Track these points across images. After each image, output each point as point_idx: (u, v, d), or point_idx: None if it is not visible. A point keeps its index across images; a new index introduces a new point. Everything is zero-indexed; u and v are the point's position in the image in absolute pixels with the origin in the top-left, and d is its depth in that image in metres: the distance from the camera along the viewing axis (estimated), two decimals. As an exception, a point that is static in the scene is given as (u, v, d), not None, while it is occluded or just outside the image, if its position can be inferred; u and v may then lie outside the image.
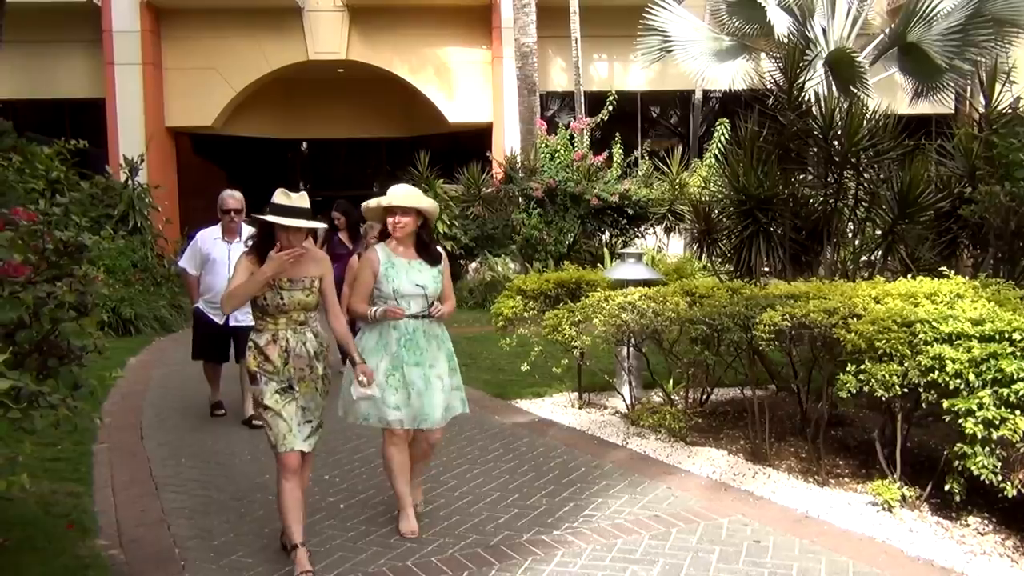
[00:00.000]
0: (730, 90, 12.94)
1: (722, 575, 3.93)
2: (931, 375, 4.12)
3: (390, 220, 4.49)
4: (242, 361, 6.48)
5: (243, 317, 6.55)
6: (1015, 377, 3.87)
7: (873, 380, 4.33)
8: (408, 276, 4.44)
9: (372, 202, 4.61)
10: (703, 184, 11.33)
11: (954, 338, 4.16)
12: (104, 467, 5.79)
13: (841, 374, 4.52)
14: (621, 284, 7.18)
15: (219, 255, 6.87)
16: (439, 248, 4.66)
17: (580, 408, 7.20)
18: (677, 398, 6.85)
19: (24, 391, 2.85)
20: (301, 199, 4.02)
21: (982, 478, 3.99)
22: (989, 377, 3.95)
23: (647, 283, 7.10)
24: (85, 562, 4.08)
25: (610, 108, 16.55)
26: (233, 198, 6.92)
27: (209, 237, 6.96)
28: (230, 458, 6.05)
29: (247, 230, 6.68)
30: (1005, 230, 5.89)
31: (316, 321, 4.21)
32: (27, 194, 4.48)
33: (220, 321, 6.80)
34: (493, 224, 15.07)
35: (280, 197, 3.97)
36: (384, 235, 4.58)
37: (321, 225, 4.18)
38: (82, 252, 3.51)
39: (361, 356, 4.32)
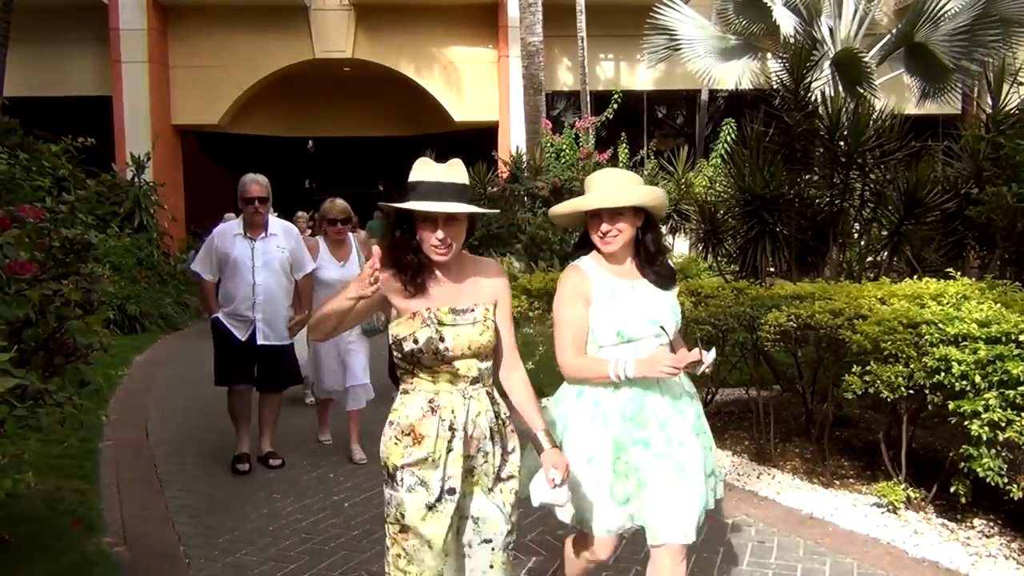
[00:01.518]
0: (736, 90, 12.93)
1: (726, 576, 3.93)
2: (937, 376, 4.11)
3: (597, 229, 2.89)
4: (268, 397, 5.95)
5: (273, 331, 5.70)
6: (1021, 379, 3.85)
7: (879, 381, 4.32)
8: (636, 308, 2.89)
9: (565, 207, 3.00)
10: (709, 184, 11.31)
11: (960, 340, 4.15)
12: (110, 464, 5.81)
13: (846, 375, 4.51)
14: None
15: (241, 255, 5.64)
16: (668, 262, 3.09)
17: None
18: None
19: (30, 389, 2.85)
20: (452, 170, 2.54)
21: (988, 480, 3.98)
22: (995, 379, 3.94)
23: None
24: (91, 559, 4.10)
25: (615, 107, 16.53)
26: (257, 184, 5.63)
27: (228, 234, 5.71)
28: (235, 456, 6.05)
29: (277, 224, 5.85)
30: (1012, 231, 5.87)
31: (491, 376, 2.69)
32: (34, 192, 4.49)
33: (243, 336, 5.63)
34: (498, 223, 15.07)
35: (421, 169, 2.54)
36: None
37: (488, 211, 2.92)
38: (88, 250, 3.51)
39: (553, 437, 2.70)
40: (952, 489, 4.27)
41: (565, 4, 16.66)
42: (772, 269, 7.01)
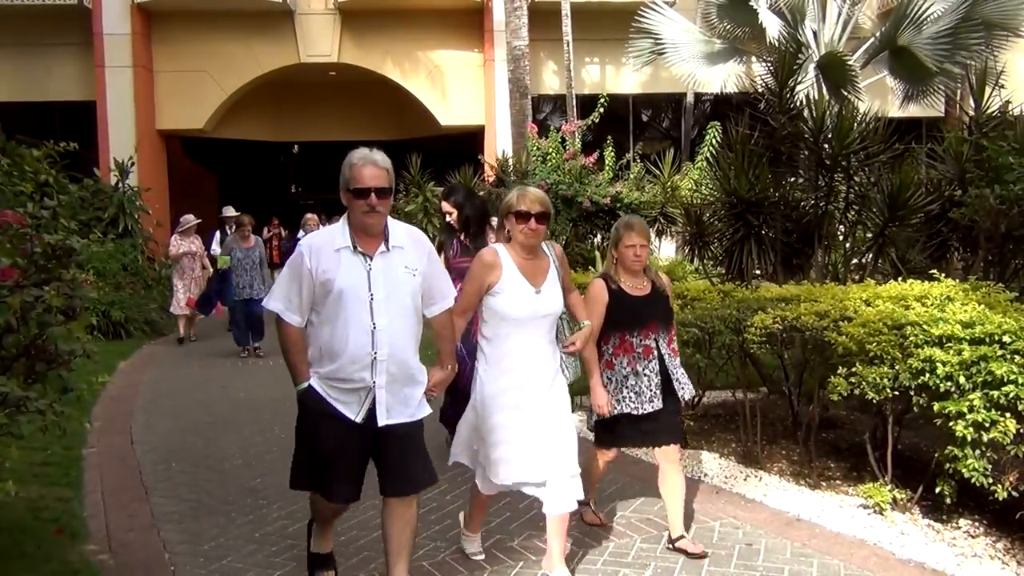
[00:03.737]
0: (721, 93, 12.95)
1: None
2: (921, 378, 4.12)
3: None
4: (399, 507, 3.59)
5: (403, 403, 3.51)
6: (1005, 380, 3.87)
7: (864, 383, 4.33)
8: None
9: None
10: (694, 187, 11.34)
11: (944, 341, 4.17)
12: (94, 471, 5.76)
13: (832, 377, 4.53)
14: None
15: (351, 282, 3.42)
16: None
17: (572, 412, 7.18)
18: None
19: (10, 396, 2.82)
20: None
21: (973, 481, 4.00)
22: (979, 380, 3.96)
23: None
24: (74, 567, 4.06)
25: (601, 110, 16.56)
26: (373, 165, 3.45)
27: (326, 248, 3.47)
28: (220, 462, 6.02)
29: (400, 230, 3.63)
30: (995, 233, 5.91)
31: None
32: (15, 197, 4.45)
33: (356, 415, 3.44)
34: (485, 227, 15.04)
35: None
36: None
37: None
38: (70, 255, 3.48)
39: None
40: (938, 490, 4.29)
41: (550, 8, 16.68)
42: (758, 272, 7.03)
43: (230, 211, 12.98)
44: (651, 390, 4.18)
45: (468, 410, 3.99)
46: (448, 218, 6.02)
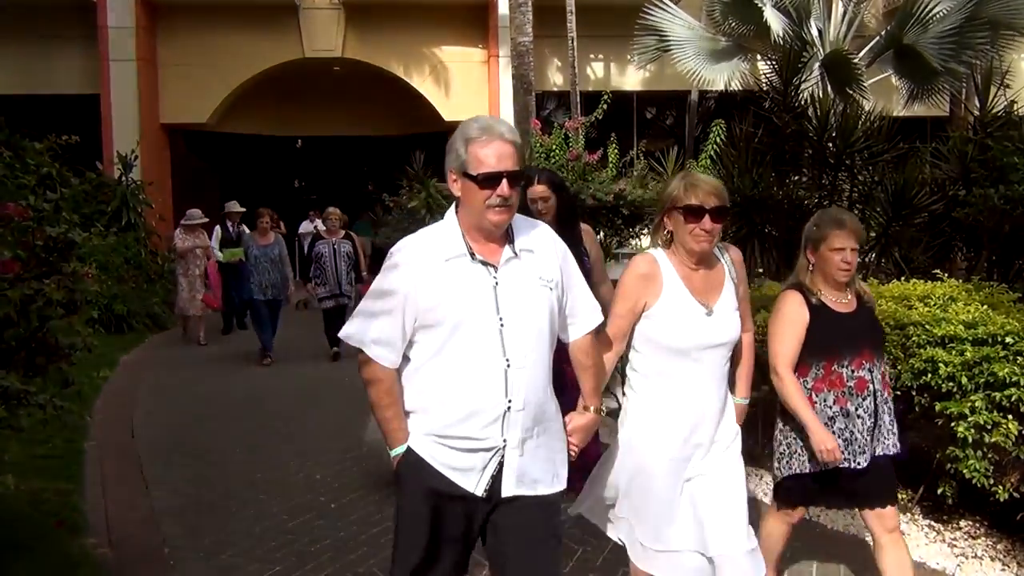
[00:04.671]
0: (726, 91, 12.93)
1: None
2: (924, 378, 4.11)
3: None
4: None
5: (540, 470, 2.58)
6: (1007, 381, 3.86)
7: (866, 383, 4.31)
8: None
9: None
10: (698, 185, 11.30)
11: (947, 341, 4.15)
12: (95, 465, 5.76)
13: (834, 376, 4.50)
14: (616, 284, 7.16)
15: (474, 304, 2.49)
16: None
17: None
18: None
19: (10, 389, 2.82)
20: None
21: (974, 482, 3.99)
22: (982, 381, 3.94)
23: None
24: (74, 560, 4.06)
25: (604, 107, 16.53)
26: (502, 140, 2.51)
27: (433, 256, 2.52)
28: (221, 456, 6.03)
29: (525, 227, 2.66)
30: (999, 233, 5.89)
31: None
32: (18, 190, 4.45)
33: (475, 487, 2.51)
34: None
35: None
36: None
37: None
38: (72, 249, 3.48)
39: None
40: (939, 491, 4.28)
41: (555, 4, 16.65)
42: (761, 270, 7.02)
43: (234, 206, 12.47)
44: (864, 436, 3.25)
45: (605, 466, 3.03)
46: (538, 206, 4.48)
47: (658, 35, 12.56)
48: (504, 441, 2.48)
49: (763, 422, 5.66)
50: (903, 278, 5.38)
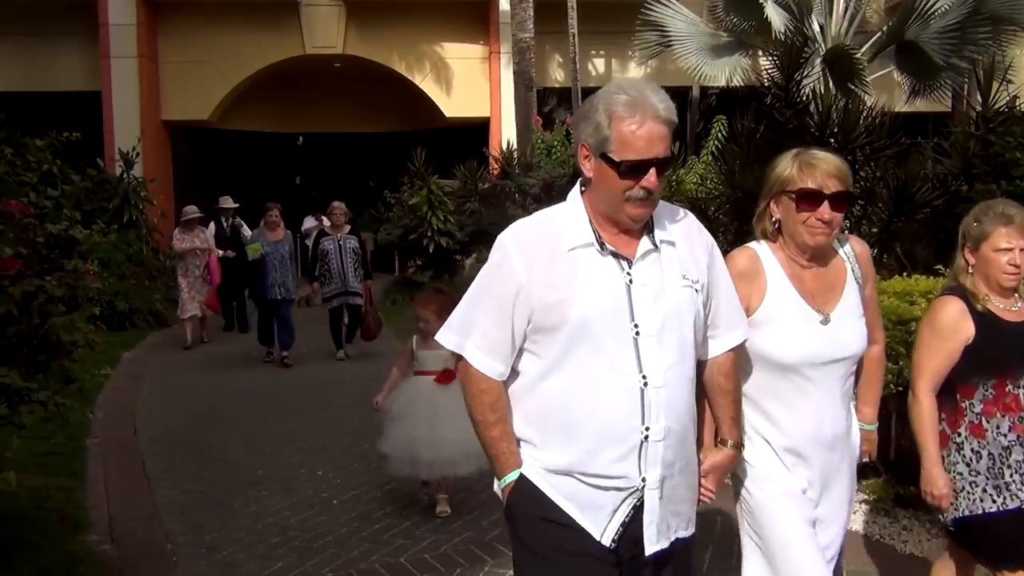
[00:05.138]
0: (727, 87, 12.91)
1: (716, 572, 3.92)
2: (926, 374, 4.10)
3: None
4: None
5: (681, 514, 2.16)
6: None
7: (868, 378, 4.30)
8: None
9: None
10: (700, 181, 11.30)
11: (949, 337, 4.14)
12: (97, 462, 5.77)
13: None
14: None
15: (604, 305, 2.02)
16: None
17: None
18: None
19: (12, 387, 2.82)
20: None
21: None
22: (984, 376, 3.93)
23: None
24: (76, 557, 4.06)
25: (607, 104, 16.50)
26: (656, 118, 1.98)
27: (552, 243, 2.07)
28: (224, 453, 6.03)
29: (668, 217, 2.19)
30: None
31: None
32: (19, 187, 4.45)
33: (610, 538, 2.04)
34: (489, 220, 15.03)
35: None
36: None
37: None
38: (73, 245, 3.48)
39: None
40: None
41: (556, 0, 16.64)
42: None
43: (228, 202, 12.19)
44: None
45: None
46: None
47: (659, 31, 12.55)
48: (642, 481, 2.01)
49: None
50: (905, 274, 5.37)
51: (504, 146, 16.34)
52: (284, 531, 4.51)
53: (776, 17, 11.67)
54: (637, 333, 1.99)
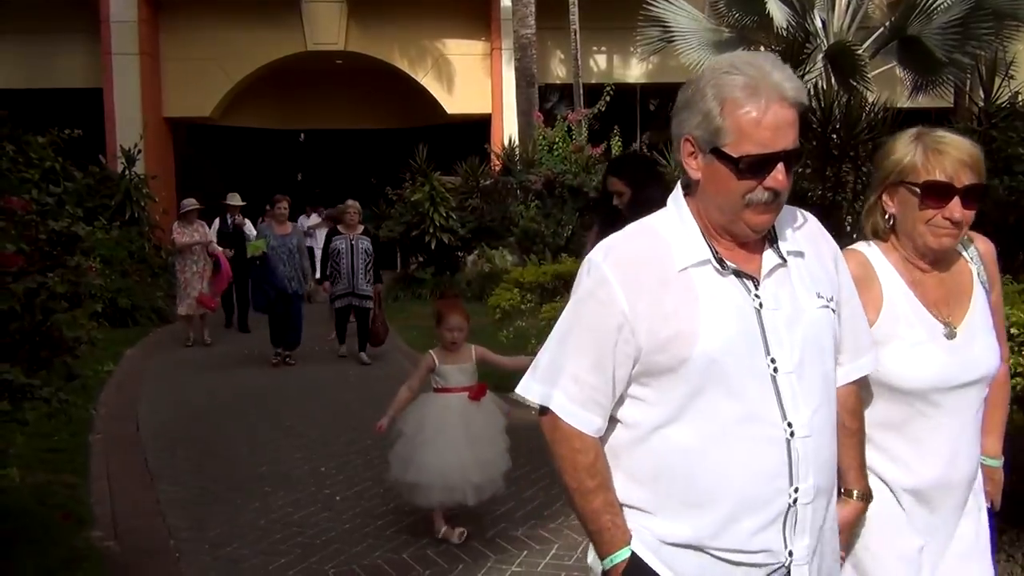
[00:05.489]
0: (730, 83, 12.87)
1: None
2: (928, 369, 4.09)
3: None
4: None
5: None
6: (1012, 373, 3.85)
7: (870, 374, 4.30)
8: None
9: None
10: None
11: (952, 333, 4.13)
12: (100, 458, 5.78)
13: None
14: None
15: (732, 337, 1.59)
16: None
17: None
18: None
19: (14, 383, 2.83)
20: None
21: (979, 473, 3.96)
22: (986, 372, 3.93)
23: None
24: (80, 553, 4.07)
25: (607, 99, 16.51)
26: (782, 100, 1.58)
27: (658, 265, 1.62)
28: (226, 449, 6.04)
29: (793, 221, 1.78)
30: (1004, 224, 5.87)
31: None
32: (21, 184, 4.45)
33: None
34: (491, 216, 15.06)
35: None
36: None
37: None
38: (75, 242, 3.48)
39: None
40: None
41: (558, -4, 16.65)
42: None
43: (236, 199, 12.18)
44: None
45: None
46: (616, 200, 4.12)
47: (661, 26, 12.53)
48: (790, 554, 1.61)
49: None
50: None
51: (506, 142, 16.35)
52: (287, 527, 4.51)
53: (778, 13, 11.65)
54: (775, 370, 1.59)
